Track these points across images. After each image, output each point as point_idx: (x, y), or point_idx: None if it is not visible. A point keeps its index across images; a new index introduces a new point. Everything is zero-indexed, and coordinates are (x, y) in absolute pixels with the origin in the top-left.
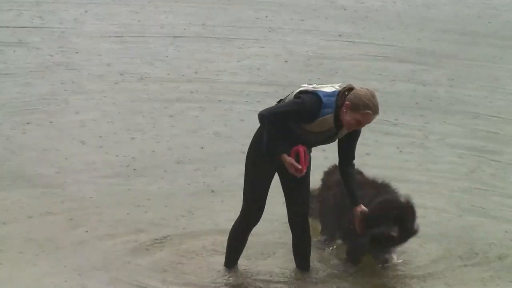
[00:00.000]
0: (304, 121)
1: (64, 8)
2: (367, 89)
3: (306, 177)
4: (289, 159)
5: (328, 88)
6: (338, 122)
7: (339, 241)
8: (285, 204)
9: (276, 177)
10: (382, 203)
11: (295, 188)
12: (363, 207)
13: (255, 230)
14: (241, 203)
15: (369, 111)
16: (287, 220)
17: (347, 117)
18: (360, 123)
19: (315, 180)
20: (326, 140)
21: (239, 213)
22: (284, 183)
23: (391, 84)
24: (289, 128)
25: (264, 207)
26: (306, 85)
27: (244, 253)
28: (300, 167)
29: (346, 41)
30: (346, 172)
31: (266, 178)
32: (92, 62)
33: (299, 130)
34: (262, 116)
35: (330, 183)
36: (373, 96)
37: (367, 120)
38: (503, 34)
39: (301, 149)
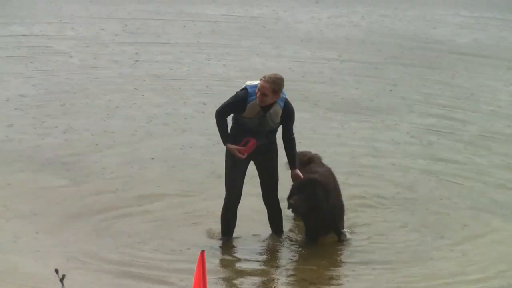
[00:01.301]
0: (239, 110)
1: None
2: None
3: (273, 163)
4: (232, 147)
5: (256, 82)
6: (264, 107)
7: None
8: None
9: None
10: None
11: (266, 172)
12: (297, 171)
13: None
14: None
15: (262, 78)
16: None
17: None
18: (259, 90)
19: None
20: (261, 125)
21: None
22: (258, 169)
23: None
24: (235, 118)
25: (241, 193)
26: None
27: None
28: (241, 151)
29: None
30: (287, 143)
31: (240, 167)
32: None
33: (240, 120)
34: (215, 112)
35: None
36: (268, 75)
37: (261, 86)
38: None
39: (251, 140)
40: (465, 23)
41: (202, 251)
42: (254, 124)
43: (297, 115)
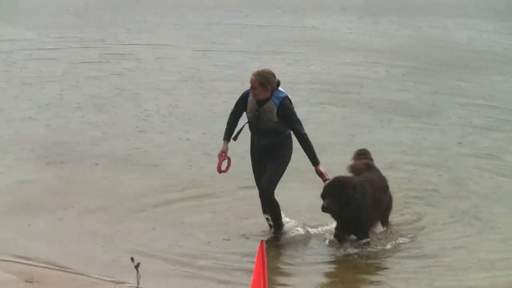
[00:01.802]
0: (244, 107)
1: None
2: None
3: (274, 167)
4: (222, 149)
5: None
6: (259, 102)
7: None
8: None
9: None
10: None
11: (265, 173)
12: (319, 168)
13: None
14: None
15: (251, 75)
16: None
17: None
18: (250, 84)
19: None
20: (258, 120)
21: None
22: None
23: None
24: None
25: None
26: None
27: None
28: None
29: None
30: (300, 142)
31: (255, 168)
32: None
33: (247, 117)
34: None
35: None
36: (258, 69)
37: (250, 80)
38: None
39: (227, 160)
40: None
41: (262, 242)
42: (253, 120)
43: (351, 118)
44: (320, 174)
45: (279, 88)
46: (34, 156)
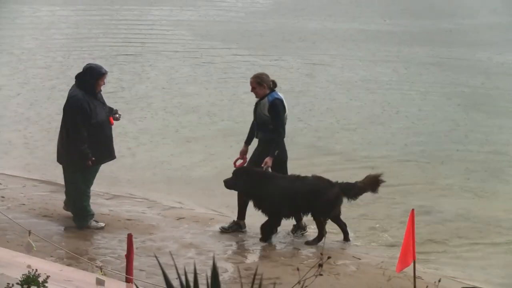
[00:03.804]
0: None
1: None
2: None
3: (258, 162)
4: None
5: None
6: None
7: None
8: None
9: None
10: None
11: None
12: (268, 159)
13: None
14: None
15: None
16: None
17: None
18: (250, 85)
19: None
20: (256, 113)
21: None
22: None
23: None
24: None
25: None
26: None
27: None
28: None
29: None
30: (273, 137)
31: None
32: None
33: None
34: None
35: None
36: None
37: (250, 82)
38: None
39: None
40: None
41: (412, 210)
42: (254, 114)
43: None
44: (264, 162)
45: (277, 91)
46: None
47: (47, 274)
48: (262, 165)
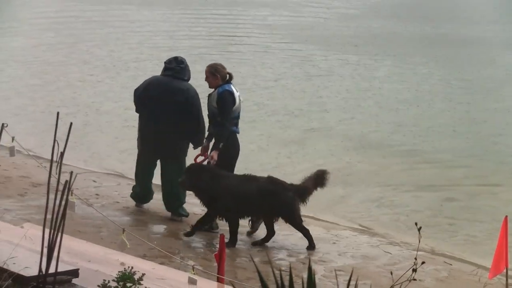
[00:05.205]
0: None
1: None
2: None
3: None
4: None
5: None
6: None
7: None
8: None
9: None
10: None
11: None
12: (214, 153)
13: None
14: None
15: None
16: None
17: None
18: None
19: None
20: (208, 108)
21: None
22: None
23: None
24: None
25: None
26: None
27: None
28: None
29: None
30: (219, 130)
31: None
32: None
33: None
34: None
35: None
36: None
37: (205, 71)
38: None
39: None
40: None
41: (506, 217)
42: (207, 105)
43: None
44: (210, 156)
45: (232, 85)
46: None
47: (141, 272)
48: (208, 159)
